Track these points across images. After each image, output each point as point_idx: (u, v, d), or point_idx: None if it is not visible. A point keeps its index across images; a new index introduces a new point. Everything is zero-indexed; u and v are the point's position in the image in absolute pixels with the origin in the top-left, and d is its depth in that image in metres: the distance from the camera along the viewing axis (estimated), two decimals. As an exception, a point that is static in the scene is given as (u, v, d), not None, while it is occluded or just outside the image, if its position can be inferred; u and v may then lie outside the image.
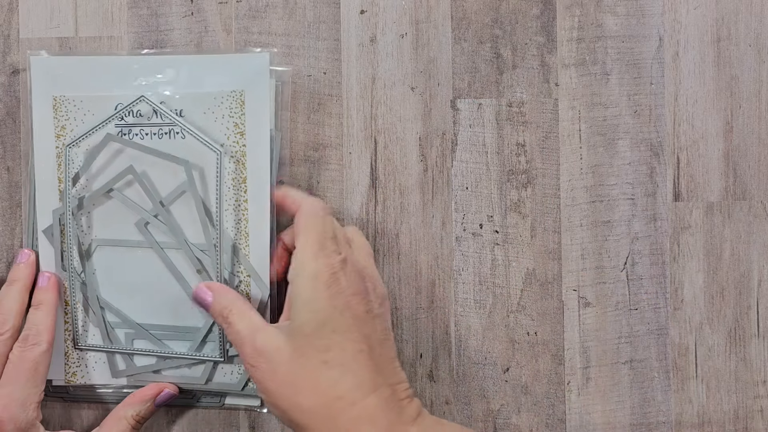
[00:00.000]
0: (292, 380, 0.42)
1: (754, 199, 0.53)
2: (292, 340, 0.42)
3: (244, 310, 0.45)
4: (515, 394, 0.53)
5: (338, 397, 0.41)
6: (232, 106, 0.51)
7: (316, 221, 0.45)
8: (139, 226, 0.51)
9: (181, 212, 0.51)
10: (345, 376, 0.42)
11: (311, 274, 0.43)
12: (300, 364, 0.42)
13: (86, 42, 0.54)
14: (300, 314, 0.43)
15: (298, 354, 0.42)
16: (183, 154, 0.50)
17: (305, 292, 0.43)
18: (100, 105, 0.51)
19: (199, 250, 0.51)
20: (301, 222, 0.46)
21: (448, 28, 0.54)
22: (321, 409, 0.41)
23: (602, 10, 0.53)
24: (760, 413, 0.53)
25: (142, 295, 0.52)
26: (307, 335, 0.42)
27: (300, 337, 0.42)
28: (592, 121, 0.53)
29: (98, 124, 0.51)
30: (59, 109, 0.51)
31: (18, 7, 0.54)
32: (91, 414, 0.53)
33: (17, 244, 0.54)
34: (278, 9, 0.54)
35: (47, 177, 0.52)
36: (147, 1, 0.54)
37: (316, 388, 0.42)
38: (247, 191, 0.50)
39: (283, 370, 0.42)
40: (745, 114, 0.53)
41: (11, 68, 0.54)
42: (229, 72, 0.51)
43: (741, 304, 0.53)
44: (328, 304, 0.42)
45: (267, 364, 0.42)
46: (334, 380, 0.42)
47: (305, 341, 0.42)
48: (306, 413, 0.41)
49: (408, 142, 0.54)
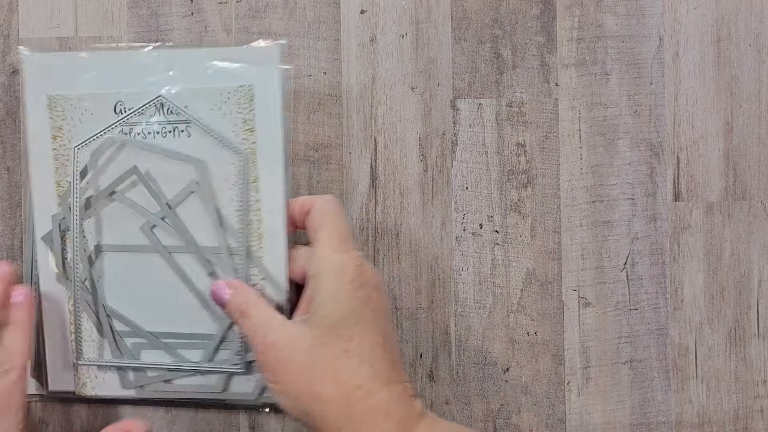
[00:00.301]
0: (311, 370, 0.42)
1: (754, 199, 0.53)
2: (313, 330, 0.42)
3: (262, 304, 0.45)
4: (515, 394, 0.53)
5: (357, 387, 0.42)
6: (240, 102, 0.48)
7: (335, 217, 0.45)
8: (145, 230, 0.49)
9: (188, 214, 0.49)
10: (363, 366, 0.42)
11: (336, 267, 0.43)
12: (319, 353, 0.42)
13: (86, 42, 0.54)
14: (323, 306, 0.43)
15: (318, 343, 0.42)
16: (189, 153, 0.49)
17: (330, 285, 0.43)
18: (99, 103, 0.49)
19: (211, 252, 0.49)
20: (319, 218, 0.45)
21: (448, 28, 0.54)
22: (339, 398, 0.41)
23: (602, 10, 0.53)
24: (760, 413, 0.53)
25: (151, 302, 0.49)
26: (329, 326, 0.42)
27: (321, 328, 0.42)
28: (592, 121, 0.53)
29: (108, 126, 0.48)
30: (55, 108, 0.49)
31: (18, 7, 0.54)
32: (91, 414, 0.53)
33: (17, 244, 0.54)
34: (278, 9, 0.54)
35: (45, 181, 0.49)
36: (147, 1, 0.54)
37: (335, 377, 0.42)
38: (259, 191, 0.48)
39: (301, 360, 0.42)
40: (745, 114, 0.53)
41: (11, 68, 0.54)
42: (237, 66, 0.48)
43: (741, 304, 0.53)
44: (352, 296, 0.42)
45: (284, 353, 0.42)
46: (353, 369, 0.42)
47: (327, 331, 0.42)
48: (323, 402, 0.42)
49: (408, 142, 0.54)
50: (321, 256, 0.44)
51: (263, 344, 0.43)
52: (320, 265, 0.44)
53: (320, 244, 0.44)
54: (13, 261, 0.54)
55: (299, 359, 0.42)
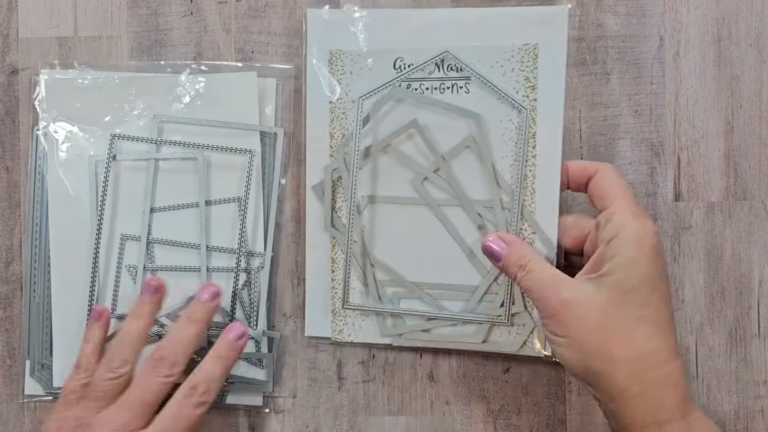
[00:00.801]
0: (604, 329, 0.42)
1: (754, 199, 0.53)
2: (606, 292, 0.43)
3: (541, 260, 0.46)
4: (515, 394, 0.53)
5: (650, 353, 0.42)
6: (524, 60, 0.50)
7: (624, 183, 0.46)
8: (415, 183, 0.51)
9: (462, 167, 0.50)
10: (658, 334, 0.42)
11: (636, 233, 0.43)
12: (613, 315, 0.42)
13: (85, 42, 0.54)
14: (621, 269, 0.43)
15: (612, 306, 0.42)
16: (469, 108, 0.50)
17: (628, 250, 0.43)
18: (379, 58, 0.51)
19: (481, 206, 0.50)
20: (609, 182, 0.46)
21: (448, 28, 0.53)
22: (632, 361, 0.42)
23: (602, 10, 0.53)
24: (760, 413, 0.53)
25: (415, 252, 0.51)
26: (626, 290, 0.43)
27: (616, 291, 0.43)
28: (592, 121, 0.53)
29: (389, 81, 0.50)
30: (335, 63, 0.51)
31: (17, 7, 0.54)
32: (90, 414, 0.53)
33: (17, 244, 0.54)
34: (278, 9, 0.54)
35: (320, 132, 0.51)
36: (146, 1, 0.54)
37: (629, 341, 0.42)
38: (536, 146, 0.50)
39: (595, 318, 0.42)
40: (745, 114, 0.53)
41: (11, 68, 0.54)
42: (523, 25, 0.50)
43: (742, 304, 0.53)
44: (651, 263, 0.43)
45: (579, 310, 0.43)
46: (648, 336, 0.42)
47: (622, 295, 0.43)
48: (614, 362, 0.42)
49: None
50: (619, 220, 0.44)
51: (557, 300, 0.43)
52: (619, 229, 0.43)
53: (618, 208, 0.44)
54: (13, 261, 0.54)
55: (593, 317, 0.42)
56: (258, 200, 0.52)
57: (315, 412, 0.53)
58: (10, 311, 0.54)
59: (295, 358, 0.53)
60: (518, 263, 0.46)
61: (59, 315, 0.52)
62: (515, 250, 0.47)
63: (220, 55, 0.54)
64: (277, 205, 0.53)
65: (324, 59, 0.51)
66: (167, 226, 0.52)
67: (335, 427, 0.53)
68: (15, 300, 0.54)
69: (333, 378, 0.53)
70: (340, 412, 0.53)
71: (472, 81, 0.50)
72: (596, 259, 0.44)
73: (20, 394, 0.53)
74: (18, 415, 0.53)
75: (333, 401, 0.53)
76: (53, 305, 0.52)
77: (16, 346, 0.53)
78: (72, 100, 0.53)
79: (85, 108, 0.53)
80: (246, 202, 0.52)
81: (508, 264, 0.46)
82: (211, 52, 0.54)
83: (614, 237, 0.43)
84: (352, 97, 0.51)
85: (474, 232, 0.51)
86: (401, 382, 0.53)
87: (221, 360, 0.47)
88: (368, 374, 0.53)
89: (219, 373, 0.46)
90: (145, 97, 0.53)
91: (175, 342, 0.46)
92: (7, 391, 0.53)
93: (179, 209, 0.53)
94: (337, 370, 0.53)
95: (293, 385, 0.53)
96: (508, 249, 0.47)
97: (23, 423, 0.53)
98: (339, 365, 0.53)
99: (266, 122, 0.53)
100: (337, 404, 0.53)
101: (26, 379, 0.53)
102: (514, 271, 0.46)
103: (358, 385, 0.53)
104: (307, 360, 0.53)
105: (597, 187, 0.46)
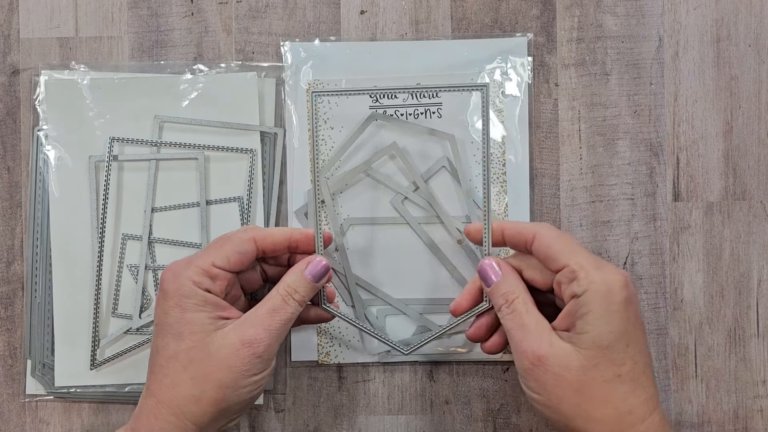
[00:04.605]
0: (581, 390, 0.42)
1: (753, 199, 0.53)
2: (584, 350, 0.42)
3: (529, 302, 0.45)
4: (515, 394, 0.53)
5: (629, 412, 0.42)
6: (492, 88, 0.53)
7: (571, 239, 0.45)
8: (395, 203, 0.52)
9: (438, 187, 0.53)
10: (636, 391, 0.42)
11: (604, 288, 0.42)
12: (592, 375, 0.42)
13: (86, 42, 0.54)
14: (594, 326, 0.42)
15: (591, 365, 0.42)
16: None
17: (599, 306, 0.42)
18: (355, 87, 0.52)
19: (460, 222, 0.52)
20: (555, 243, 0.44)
21: (448, 29, 0.54)
22: (610, 422, 0.42)
23: (602, 11, 0.53)
24: (759, 413, 0.53)
25: (397, 270, 0.53)
26: (601, 348, 0.42)
27: (593, 349, 0.42)
28: (592, 121, 0.53)
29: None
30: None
31: (18, 7, 0.54)
32: (91, 414, 0.53)
33: (18, 244, 0.54)
34: (278, 9, 0.54)
35: (300, 158, 0.53)
36: (147, 2, 0.54)
37: (607, 401, 0.42)
38: (506, 164, 0.53)
39: (572, 379, 0.42)
40: (744, 114, 0.53)
41: (11, 68, 0.54)
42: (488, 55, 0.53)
43: (741, 304, 0.53)
44: (624, 316, 0.42)
45: (555, 369, 0.42)
46: (626, 394, 0.42)
47: (599, 353, 0.42)
48: (594, 423, 0.42)
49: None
50: (585, 276, 0.43)
51: (533, 355, 0.43)
52: (586, 286, 0.42)
53: (581, 264, 0.43)
54: (14, 261, 0.54)
55: (570, 378, 0.42)
56: (258, 200, 0.53)
57: (315, 411, 0.53)
58: (12, 311, 0.54)
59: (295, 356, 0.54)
60: (505, 297, 0.45)
61: (60, 314, 0.53)
62: (507, 282, 0.46)
63: (221, 56, 0.54)
64: (277, 204, 0.53)
65: (302, 89, 0.53)
66: (168, 225, 0.53)
67: (335, 426, 0.53)
68: (16, 299, 0.54)
69: (333, 377, 0.53)
70: (340, 412, 0.53)
71: (442, 107, 0.52)
72: (567, 313, 0.43)
73: (21, 394, 0.53)
74: (19, 415, 0.53)
75: (333, 400, 0.53)
76: (54, 305, 0.53)
77: (18, 345, 0.54)
78: (73, 100, 0.53)
79: (85, 108, 0.53)
80: (246, 201, 0.52)
81: (495, 293, 0.46)
82: (211, 53, 0.54)
83: (584, 293, 0.42)
84: (330, 124, 0.53)
85: (455, 246, 0.52)
86: (401, 381, 0.53)
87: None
88: (368, 374, 0.53)
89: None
90: (145, 97, 0.53)
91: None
92: (8, 390, 0.54)
93: (180, 209, 0.53)
94: (337, 369, 0.53)
95: (294, 384, 0.54)
96: (501, 279, 0.46)
97: (24, 422, 0.53)
98: (339, 365, 0.53)
99: (266, 122, 0.53)
100: (337, 403, 0.53)
101: (27, 378, 0.53)
102: (500, 303, 0.45)
103: (358, 385, 0.53)
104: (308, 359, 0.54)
105: (542, 251, 0.45)
